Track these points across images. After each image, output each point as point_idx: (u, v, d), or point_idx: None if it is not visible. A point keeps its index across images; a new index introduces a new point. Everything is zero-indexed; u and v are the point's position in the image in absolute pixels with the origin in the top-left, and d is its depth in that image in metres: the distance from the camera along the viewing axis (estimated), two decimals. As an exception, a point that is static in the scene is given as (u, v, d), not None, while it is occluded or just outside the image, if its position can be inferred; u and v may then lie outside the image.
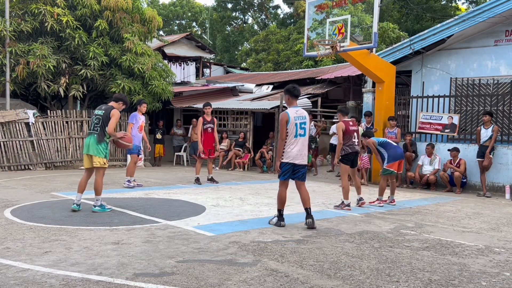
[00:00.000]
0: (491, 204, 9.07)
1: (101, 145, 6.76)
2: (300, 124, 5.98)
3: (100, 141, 6.75)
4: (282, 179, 6.09)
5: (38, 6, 13.56)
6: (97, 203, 6.80)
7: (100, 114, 6.81)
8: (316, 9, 11.21)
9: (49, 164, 13.80)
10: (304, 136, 6.03)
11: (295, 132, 5.96)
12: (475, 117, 11.68)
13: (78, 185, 6.83)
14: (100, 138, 6.76)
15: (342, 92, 17.76)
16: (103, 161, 6.78)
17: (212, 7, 39.86)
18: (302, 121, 6.01)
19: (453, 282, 4.01)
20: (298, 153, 6.00)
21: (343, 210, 7.50)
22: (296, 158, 5.99)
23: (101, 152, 6.76)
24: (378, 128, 11.90)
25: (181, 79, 20.88)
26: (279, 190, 6.11)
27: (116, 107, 6.93)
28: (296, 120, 5.96)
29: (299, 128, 5.97)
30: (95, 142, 6.72)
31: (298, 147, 5.99)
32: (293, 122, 5.95)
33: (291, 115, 5.95)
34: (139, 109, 10.23)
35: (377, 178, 11.96)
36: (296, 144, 5.98)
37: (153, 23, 15.57)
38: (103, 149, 6.78)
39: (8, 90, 13.57)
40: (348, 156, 7.68)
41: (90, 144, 6.76)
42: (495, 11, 10.76)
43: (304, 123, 6.02)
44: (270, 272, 4.10)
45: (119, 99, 7.06)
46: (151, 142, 16.60)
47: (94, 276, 3.87)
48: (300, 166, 6.06)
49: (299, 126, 5.97)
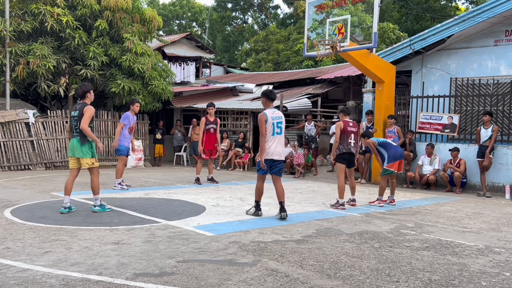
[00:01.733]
0: (491, 204, 9.07)
1: (85, 146, 6.66)
2: (277, 124, 6.56)
3: (83, 143, 6.65)
4: (260, 173, 6.70)
5: (38, 6, 13.57)
6: (96, 203, 6.79)
7: (76, 116, 6.68)
8: (316, 9, 11.20)
9: (49, 164, 13.80)
10: (280, 134, 6.60)
11: (272, 131, 6.52)
12: (475, 117, 11.68)
13: (64, 188, 6.74)
14: (82, 139, 6.65)
15: (342, 92, 17.77)
16: (91, 161, 6.71)
17: (212, 7, 39.87)
18: (279, 120, 6.58)
19: (453, 282, 4.01)
20: (275, 150, 6.57)
21: (338, 209, 7.57)
22: (274, 155, 6.56)
23: (87, 153, 6.68)
24: (378, 128, 11.90)
25: (181, 79, 20.89)
26: (257, 183, 6.74)
27: (88, 102, 6.78)
28: (274, 120, 6.53)
29: (276, 127, 6.54)
30: (78, 145, 6.64)
31: (275, 144, 6.56)
32: (271, 121, 6.51)
33: (269, 115, 6.52)
34: (132, 109, 9.80)
35: (377, 178, 11.97)
36: (273, 142, 6.55)
37: (153, 23, 15.58)
38: (88, 149, 6.69)
39: (8, 90, 13.58)
40: (343, 155, 7.78)
41: (74, 147, 6.68)
42: (495, 11, 10.76)
43: (280, 122, 6.60)
44: (270, 272, 4.10)
45: (85, 92, 6.81)
46: (151, 142, 16.64)
47: (94, 276, 3.87)
48: (277, 161, 6.61)
49: (276, 125, 6.54)
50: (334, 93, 17.88)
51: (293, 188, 10.26)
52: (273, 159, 6.54)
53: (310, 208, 7.73)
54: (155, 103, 15.44)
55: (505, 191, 10.17)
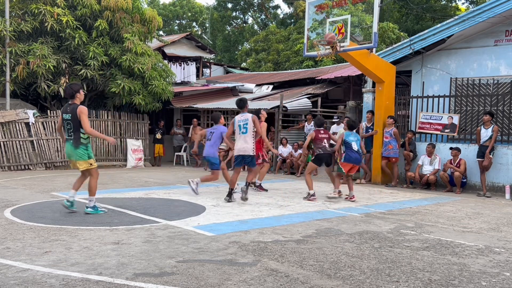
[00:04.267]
0: (491, 204, 9.07)
1: (79, 149, 6.49)
2: (243, 125, 7.86)
3: (77, 146, 6.48)
4: (235, 166, 8.26)
5: (38, 6, 13.57)
6: (89, 204, 6.66)
7: (69, 119, 6.47)
8: (316, 9, 11.19)
9: (49, 164, 13.81)
10: (245, 134, 7.86)
11: (238, 131, 7.91)
12: (475, 117, 11.68)
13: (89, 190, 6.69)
14: (76, 143, 6.47)
15: (342, 92, 17.76)
16: (87, 163, 6.58)
17: (213, 7, 39.87)
18: (245, 122, 7.88)
19: (453, 282, 4.02)
20: (241, 147, 7.87)
21: (310, 200, 8.42)
22: (239, 151, 7.92)
23: (83, 156, 6.53)
24: (378, 129, 11.90)
25: (181, 79, 20.88)
26: (233, 174, 8.10)
27: (78, 102, 6.55)
28: (240, 122, 7.90)
29: (242, 128, 7.86)
30: (72, 148, 6.49)
31: (240, 142, 7.88)
32: (237, 124, 7.92)
33: (237, 119, 7.99)
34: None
35: (377, 178, 11.99)
36: (239, 140, 7.90)
37: (153, 23, 15.58)
38: (83, 151, 6.52)
39: (8, 90, 13.58)
40: (320, 156, 8.66)
41: (69, 151, 6.56)
42: (495, 11, 10.76)
43: (246, 124, 7.85)
44: (270, 272, 4.10)
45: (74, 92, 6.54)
46: (151, 142, 16.63)
47: (94, 276, 3.87)
48: (245, 156, 7.93)
49: (242, 126, 7.86)
50: (334, 93, 17.87)
51: (293, 188, 10.26)
52: (239, 154, 7.94)
53: (310, 208, 7.73)
54: (155, 103, 15.44)
55: (505, 191, 10.17)
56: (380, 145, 11.83)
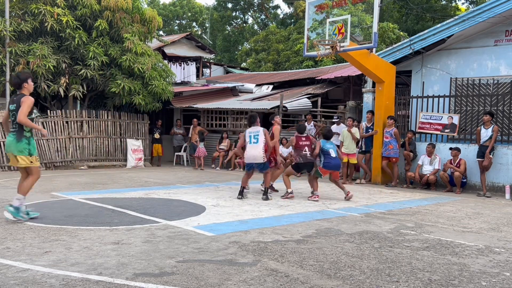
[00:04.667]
0: (491, 204, 9.07)
1: (21, 142, 6.02)
2: (254, 136, 8.51)
3: (19, 139, 5.99)
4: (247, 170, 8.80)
5: (38, 6, 13.56)
6: (15, 203, 5.99)
7: (13, 109, 6.06)
8: (316, 9, 11.20)
9: (49, 164, 13.81)
10: (256, 143, 8.44)
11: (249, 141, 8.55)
12: (475, 117, 11.68)
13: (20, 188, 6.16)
14: (19, 135, 5.99)
15: (342, 92, 17.76)
16: (28, 159, 6.08)
17: (213, 7, 39.87)
18: (256, 134, 8.51)
19: (453, 282, 4.01)
20: (251, 155, 8.48)
21: (288, 197, 8.71)
22: (249, 159, 8.55)
23: (24, 150, 6.00)
24: (378, 129, 11.90)
25: (181, 79, 20.89)
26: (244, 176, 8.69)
27: (27, 92, 6.13)
28: (250, 134, 8.57)
29: (253, 138, 8.50)
30: (14, 141, 6.03)
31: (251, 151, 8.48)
32: (248, 135, 8.58)
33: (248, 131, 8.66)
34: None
35: (377, 178, 11.99)
36: (250, 149, 8.50)
37: (153, 23, 15.58)
38: (25, 145, 6.04)
39: (8, 90, 13.58)
40: (300, 165, 8.94)
41: (9, 144, 6.06)
42: (495, 11, 10.76)
43: (257, 135, 8.48)
44: (270, 272, 4.10)
45: (22, 81, 6.13)
46: (150, 142, 16.63)
47: (94, 276, 3.87)
48: (255, 164, 8.52)
49: (253, 137, 8.51)
50: (334, 93, 17.87)
51: (293, 188, 10.24)
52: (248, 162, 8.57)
53: (310, 208, 7.73)
54: (155, 103, 15.44)
55: (505, 191, 10.17)
56: (380, 145, 11.83)
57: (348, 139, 11.95)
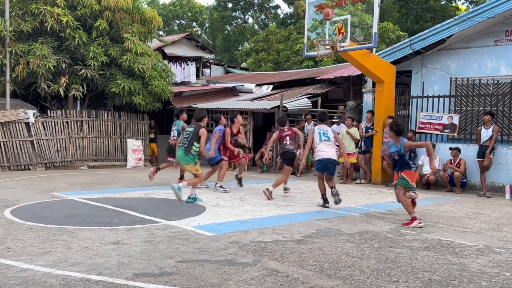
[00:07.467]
0: (491, 204, 9.07)
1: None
2: (324, 134, 8.05)
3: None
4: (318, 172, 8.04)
5: (38, 6, 13.56)
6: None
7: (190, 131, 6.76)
8: (316, 9, 11.19)
9: (49, 164, 13.80)
10: (328, 141, 7.98)
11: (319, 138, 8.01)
12: (475, 117, 11.67)
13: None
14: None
15: (342, 92, 17.75)
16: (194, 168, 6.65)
17: (213, 7, 39.87)
18: (325, 132, 8.07)
19: (453, 282, 4.02)
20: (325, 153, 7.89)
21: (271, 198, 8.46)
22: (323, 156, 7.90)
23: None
24: (378, 129, 11.89)
25: (181, 79, 20.88)
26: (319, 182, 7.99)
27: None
28: (320, 131, 8.07)
29: (322, 136, 8.00)
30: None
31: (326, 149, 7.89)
32: (317, 132, 8.06)
33: (316, 129, 8.13)
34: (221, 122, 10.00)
35: (377, 178, 11.98)
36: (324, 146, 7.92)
37: (153, 23, 15.58)
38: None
39: (8, 90, 13.57)
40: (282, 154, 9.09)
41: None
42: (495, 11, 10.75)
43: (326, 133, 8.04)
44: (270, 272, 4.10)
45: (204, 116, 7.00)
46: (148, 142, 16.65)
47: (94, 276, 3.87)
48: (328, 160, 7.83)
49: (322, 135, 8.02)
50: (334, 93, 17.86)
51: (293, 188, 10.24)
52: (321, 159, 7.85)
53: (310, 208, 7.73)
54: (155, 103, 15.44)
55: (505, 191, 10.17)
56: (380, 145, 11.82)
57: (347, 139, 11.96)
